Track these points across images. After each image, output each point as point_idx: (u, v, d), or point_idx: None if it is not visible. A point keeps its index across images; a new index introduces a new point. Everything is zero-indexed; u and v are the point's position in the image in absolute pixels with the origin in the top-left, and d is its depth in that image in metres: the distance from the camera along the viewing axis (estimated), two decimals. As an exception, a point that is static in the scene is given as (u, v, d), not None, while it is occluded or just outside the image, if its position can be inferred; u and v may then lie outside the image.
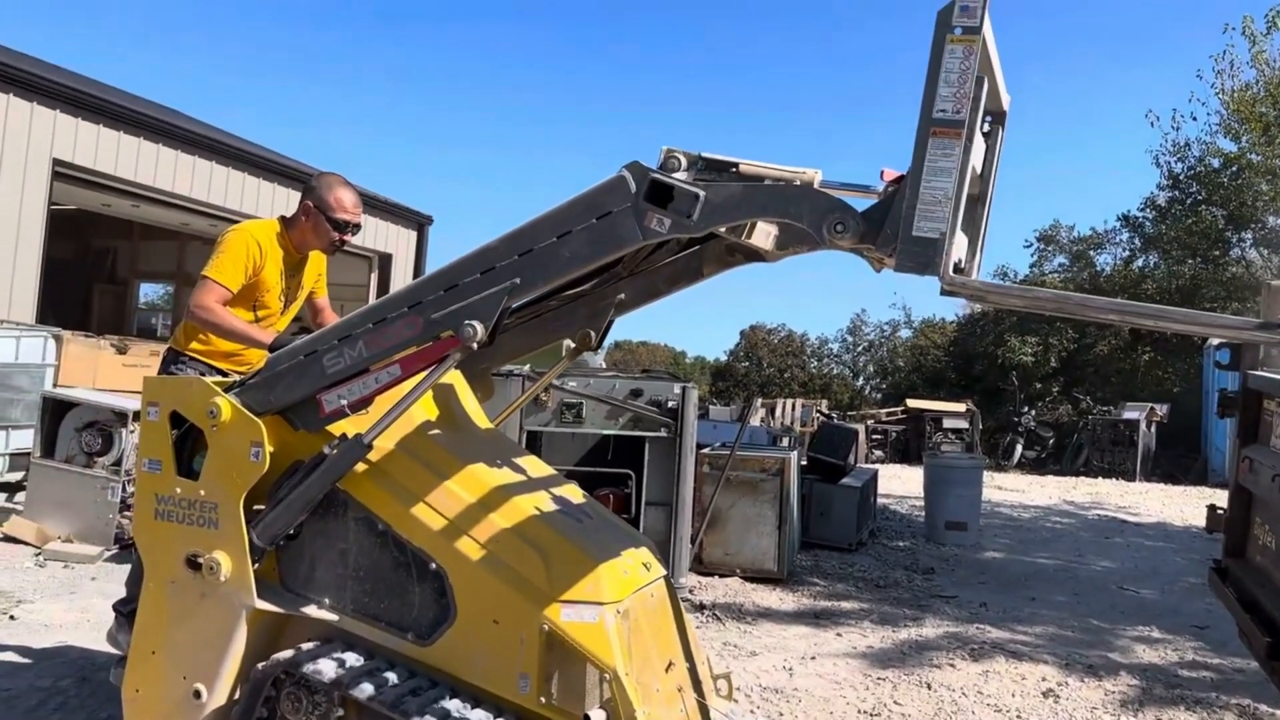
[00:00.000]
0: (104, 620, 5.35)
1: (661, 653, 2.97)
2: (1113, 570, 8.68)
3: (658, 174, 2.56)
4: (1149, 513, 12.99)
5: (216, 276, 3.81)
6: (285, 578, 3.04)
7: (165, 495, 3.03)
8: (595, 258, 2.67)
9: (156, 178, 11.87)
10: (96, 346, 9.69)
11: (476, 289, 2.71)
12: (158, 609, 3.05)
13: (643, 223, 2.55)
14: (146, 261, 17.85)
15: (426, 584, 2.86)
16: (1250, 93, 22.88)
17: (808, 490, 8.65)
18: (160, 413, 3.07)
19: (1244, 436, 3.54)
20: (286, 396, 2.94)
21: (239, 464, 2.92)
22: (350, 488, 2.93)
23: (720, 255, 3.09)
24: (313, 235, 4.01)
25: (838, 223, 2.44)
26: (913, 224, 2.33)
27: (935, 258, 2.31)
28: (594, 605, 2.71)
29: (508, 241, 2.70)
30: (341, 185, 4.00)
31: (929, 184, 2.32)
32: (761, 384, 35.12)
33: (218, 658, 2.93)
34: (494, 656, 2.75)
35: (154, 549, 3.08)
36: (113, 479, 7.01)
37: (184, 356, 4.00)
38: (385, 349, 2.82)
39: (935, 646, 5.73)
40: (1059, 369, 26.13)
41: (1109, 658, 5.69)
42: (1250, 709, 4.74)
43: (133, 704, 3.08)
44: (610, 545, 2.99)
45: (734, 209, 2.53)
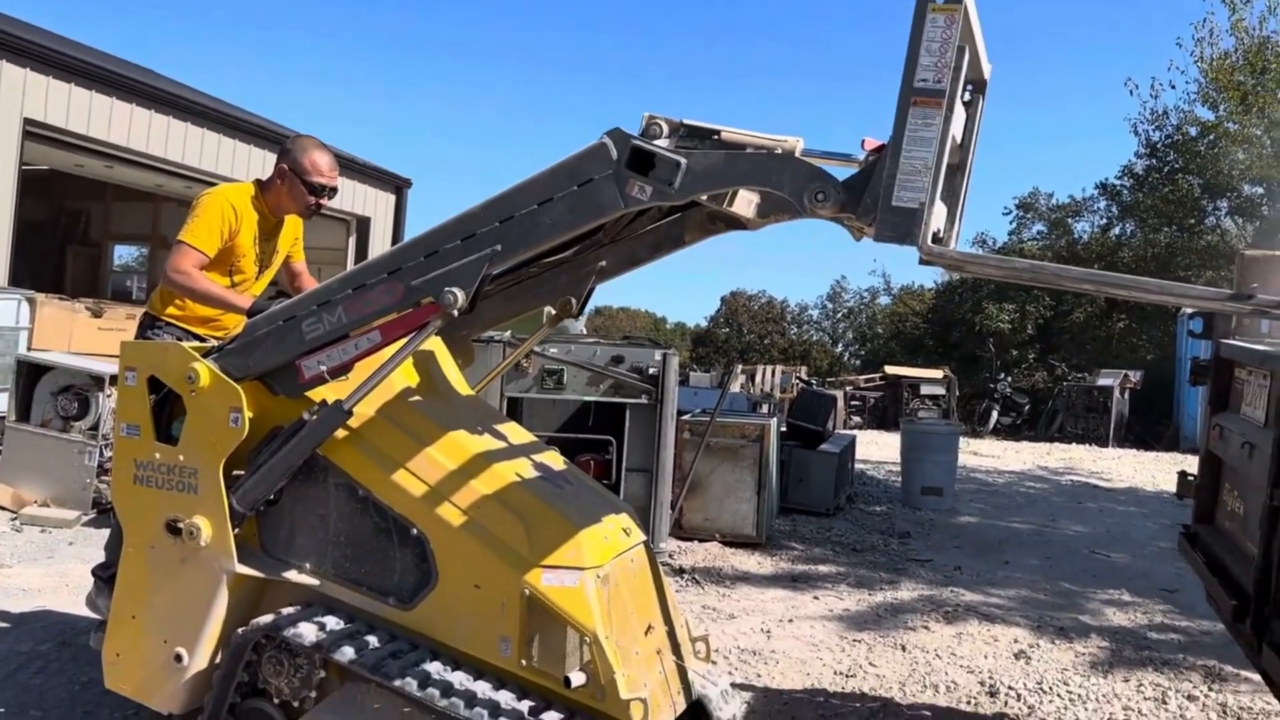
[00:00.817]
0: (83, 585, 5.34)
1: (641, 616, 3.00)
2: (1085, 535, 8.81)
3: (639, 141, 2.55)
4: (1121, 478, 13.16)
5: (192, 241, 3.77)
6: (266, 543, 3.05)
7: (144, 460, 3.03)
8: (576, 225, 2.67)
9: (130, 138, 11.68)
10: (71, 309, 9.59)
11: (457, 255, 2.70)
12: (138, 574, 3.06)
13: (624, 190, 2.55)
14: (121, 224, 17.59)
15: (408, 549, 2.87)
16: (1229, 61, 22.92)
17: (787, 456, 8.71)
18: (138, 378, 3.06)
19: (1215, 404, 3.59)
20: (265, 362, 2.94)
21: (218, 429, 2.91)
22: (331, 453, 2.94)
23: (702, 223, 3.09)
24: (288, 199, 3.97)
25: (818, 192, 2.44)
26: (892, 194, 2.33)
27: (914, 228, 2.32)
28: (574, 570, 2.74)
29: (489, 208, 2.69)
30: (317, 148, 3.97)
31: (909, 154, 2.32)
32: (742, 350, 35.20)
33: (198, 622, 2.95)
34: (475, 620, 2.78)
35: (133, 514, 3.08)
36: (89, 443, 6.97)
37: (160, 321, 3.96)
38: (365, 315, 2.81)
39: (910, 609, 5.82)
40: (1035, 336, 26.34)
41: (1080, 620, 5.79)
42: (1216, 669, 4.85)
43: (113, 668, 3.10)
44: (591, 511, 3.01)
45: (715, 177, 2.53)
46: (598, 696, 2.66)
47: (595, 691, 2.66)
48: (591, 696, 2.67)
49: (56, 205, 17.03)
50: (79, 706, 3.73)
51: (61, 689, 3.88)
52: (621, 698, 2.64)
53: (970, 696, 4.42)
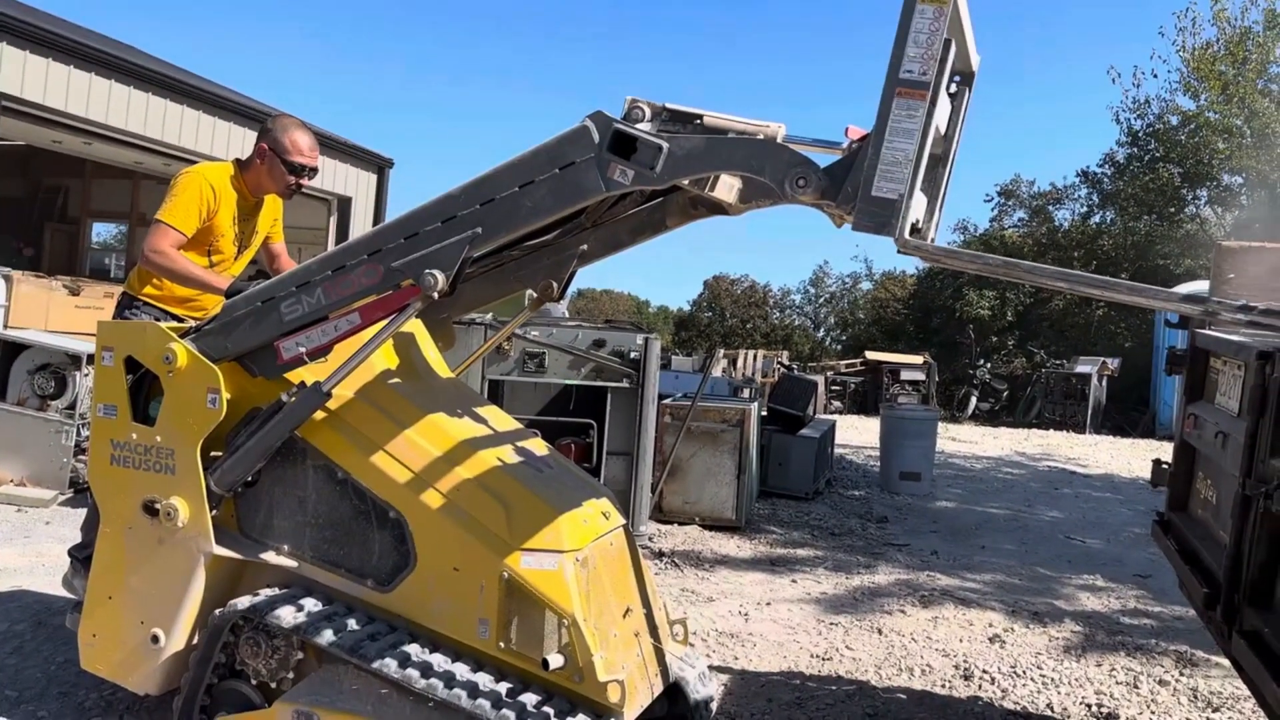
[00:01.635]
0: (59, 565, 5.32)
1: (619, 599, 3.02)
2: (1060, 520, 8.90)
3: (621, 124, 2.54)
4: (1097, 465, 13.29)
5: (170, 220, 3.75)
6: (243, 524, 3.04)
7: (121, 441, 3.01)
8: (558, 208, 2.65)
9: (109, 114, 11.53)
10: (48, 287, 9.51)
11: (437, 238, 2.69)
12: (114, 554, 3.05)
13: (605, 174, 2.54)
14: (99, 201, 17.40)
15: (386, 531, 2.87)
16: (1210, 51, 23.04)
17: (767, 440, 8.75)
18: (115, 358, 3.04)
19: (1190, 393, 3.62)
20: (244, 343, 2.92)
21: (196, 410, 2.90)
22: (309, 436, 2.93)
23: (683, 208, 3.08)
24: (268, 179, 3.94)
25: (799, 178, 2.44)
26: (872, 184, 2.33)
27: (892, 219, 2.32)
28: (553, 553, 2.75)
29: (470, 190, 2.68)
30: (297, 127, 3.94)
31: (891, 144, 2.32)
32: (724, 334, 35.24)
33: (175, 603, 2.94)
34: (454, 603, 2.78)
35: (110, 495, 3.07)
36: (66, 422, 6.92)
37: (138, 301, 3.94)
38: (344, 297, 2.80)
39: (887, 593, 5.87)
40: (1015, 323, 26.50)
41: (1054, 605, 5.86)
42: (1187, 654, 4.92)
43: (89, 649, 3.10)
44: (570, 495, 3.02)
45: (697, 162, 2.52)
46: (575, 678, 2.68)
47: (573, 673, 2.68)
48: (569, 678, 2.68)
49: (34, 182, 16.84)
50: (55, 686, 3.72)
51: (37, 669, 3.86)
52: (599, 679, 2.65)
53: (945, 680, 4.47)
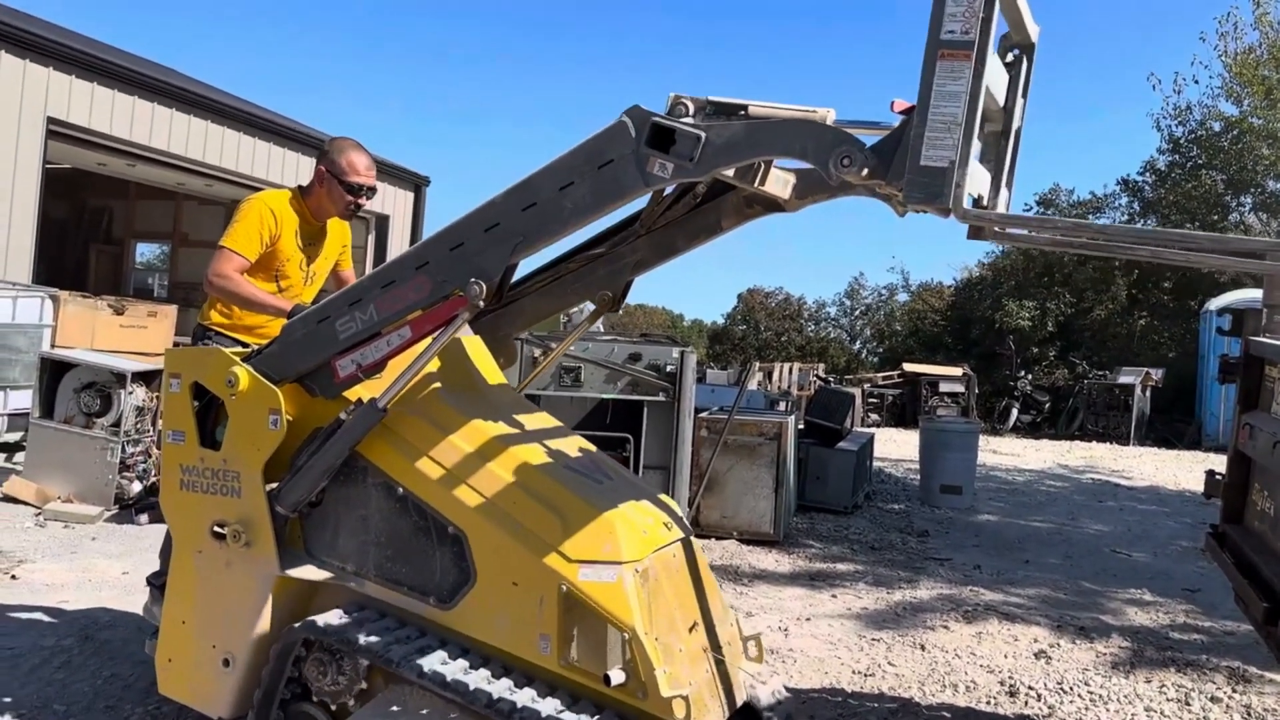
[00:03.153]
0: (105, 580, 5.40)
1: (684, 613, 2.94)
2: (1105, 533, 8.75)
3: (658, 117, 2.48)
4: (1142, 477, 13.07)
5: (232, 245, 3.78)
6: (310, 544, 3.03)
7: (190, 465, 3.03)
8: (599, 208, 2.60)
9: (152, 137, 11.77)
10: (94, 307, 9.66)
11: (481, 247, 2.68)
12: (186, 579, 3.07)
13: (645, 169, 2.48)
14: (143, 221, 17.74)
15: (446, 548, 2.84)
16: (1253, 55, 22.70)
17: (804, 454, 8.69)
18: (182, 384, 3.07)
19: (1244, 403, 3.55)
20: (302, 363, 2.93)
21: (258, 432, 2.91)
22: (369, 453, 2.92)
23: (738, 207, 3.01)
24: (328, 201, 3.98)
25: (844, 156, 2.32)
26: (920, 153, 2.22)
27: (944, 188, 2.20)
28: (612, 565, 2.69)
29: (510, 196, 2.65)
30: (354, 148, 3.97)
31: (937, 109, 2.20)
32: (759, 348, 35.12)
33: (245, 626, 2.94)
34: (514, 618, 2.74)
35: (181, 519, 3.09)
36: (112, 439, 7.03)
37: (211, 332, 3.96)
38: (395, 312, 2.80)
39: (929, 608, 5.79)
40: (1055, 333, 26.13)
41: (1101, 620, 5.75)
42: (1240, 670, 4.80)
43: (165, 673, 3.11)
44: (629, 506, 2.96)
45: (736, 149, 2.44)
46: (639, 694, 2.61)
47: (636, 689, 2.61)
48: (633, 694, 2.62)
49: (79, 203, 17.20)
50: (101, 701, 3.76)
51: (84, 683, 3.90)
52: (663, 695, 2.58)
53: (990, 696, 4.39)
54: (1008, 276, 27.99)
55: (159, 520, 6.85)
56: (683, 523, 3.16)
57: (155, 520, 6.85)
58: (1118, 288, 25.79)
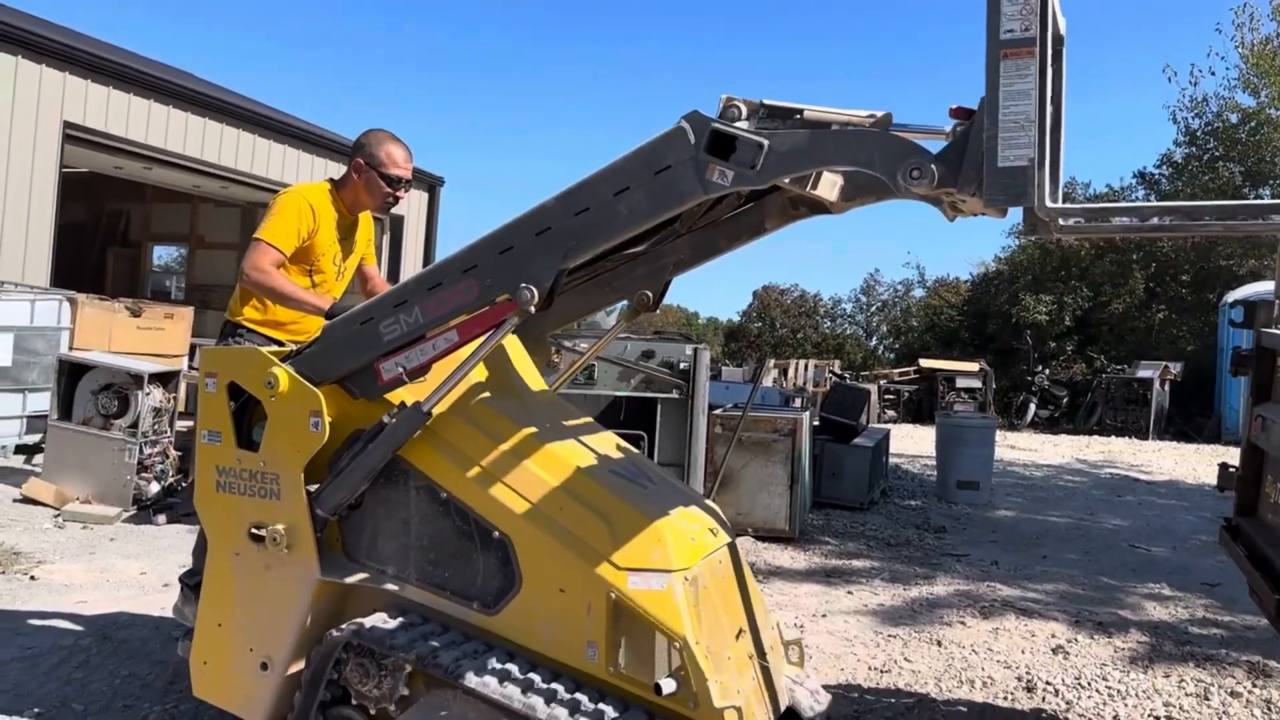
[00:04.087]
0: (123, 580, 5.44)
1: (731, 620, 2.90)
2: (1124, 528, 8.70)
3: (719, 124, 2.43)
4: (1161, 471, 12.98)
5: (269, 238, 3.70)
6: (349, 548, 2.98)
7: (226, 467, 2.99)
8: (654, 214, 2.55)
9: (168, 140, 11.85)
10: (111, 309, 9.74)
11: (532, 251, 2.62)
12: (223, 581, 3.03)
13: (704, 176, 2.43)
14: (159, 224, 17.85)
15: (491, 553, 2.80)
16: (1270, 46, 22.51)
17: (820, 450, 8.67)
18: (218, 384, 3.02)
19: (1257, 395, 3.52)
20: (344, 365, 2.89)
21: (299, 434, 2.87)
22: (411, 456, 2.87)
23: (783, 209, 2.96)
24: (365, 194, 3.89)
25: (914, 168, 2.27)
26: (996, 154, 2.18)
27: (1026, 187, 2.17)
28: (662, 573, 2.65)
29: (562, 201, 2.59)
30: (391, 140, 3.90)
31: (1008, 109, 2.18)
32: (774, 345, 35.06)
33: (284, 629, 2.91)
34: (561, 625, 2.70)
35: (217, 521, 3.05)
36: (129, 441, 7.08)
37: (241, 328, 3.89)
38: (442, 315, 2.75)
39: (946, 604, 5.77)
40: (1073, 328, 25.99)
41: (1119, 615, 5.72)
42: (1260, 665, 4.77)
43: (201, 675, 3.07)
44: (677, 511, 2.93)
45: (800, 158, 2.38)
46: (690, 704, 2.56)
47: (688, 699, 2.56)
48: (684, 704, 2.57)
49: (96, 207, 17.31)
50: (119, 700, 3.79)
51: (103, 683, 3.93)
52: (715, 706, 2.53)
53: (1007, 692, 4.37)
54: (1024, 271, 27.87)
55: (177, 521, 6.91)
56: (727, 527, 3.11)
57: (173, 521, 6.91)
58: (1135, 281, 25.64)
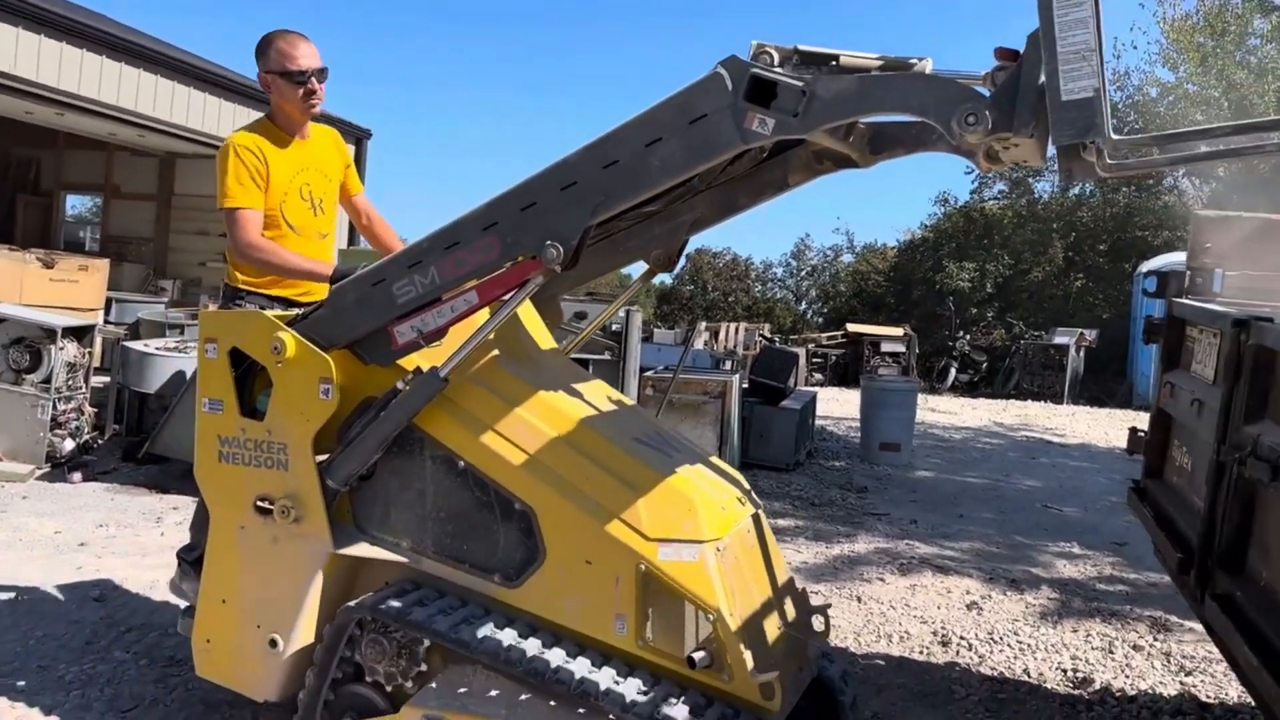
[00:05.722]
0: (36, 540, 5.30)
1: (760, 590, 2.84)
2: (1037, 489, 8.99)
3: (758, 69, 2.30)
4: (1075, 434, 13.40)
5: (239, 202, 3.42)
6: (360, 520, 2.89)
7: (229, 437, 2.88)
8: (689, 166, 2.42)
9: (81, 85, 11.36)
10: (21, 260, 9.39)
11: (558, 207, 2.49)
12: (226, 556, 2.92)
13: (743, 125, 2.30)
14: (72, 172, 17.17)
15: (512, 524, 2.71)
16: (1190, 22, 23.05)
17: (748, 412, 8.77)
18: (219, 350, 2.89)
19: (1166, 362, 3.65)
20: (355, 329, 2.77)
21: (307, 402, 2.76)
22: (426, 424, 2.76)
23: (807, 163, 2.84)
24: (286, 104, 3.57)
25: (970, 114, 2.14)
26: (1059, 89, 2.08)
27: (1095, 119, 2.08)
28: (693, 544, 2.58)
29: (589, 153, 2.46)
30: (282, 37, 3.55)
31: (1066, 40, 2.07)
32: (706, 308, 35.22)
33: (293, 605, 2.81)
34: (587, 598, 2.63)
35: (220, 493, 2.94)
36: (42, 396, 6.87)
37: (242, 292, 3.61)
38: (460, 275, 2.62)
39: (866, 562, 5.92)
40: (994, 294, 26.58)
41: (1031, 572, 5.92)
42: (1161, 620, 4.99)
43: (204, 654, 2.98)
44: (704, 479, 2.87)
45: (846, 104, 2.26)
46: (724, 677, 2.52)
47: (721, 672, 2.51)
48: (717, 677, 2.52)
49: (4, 153, 16.59)
50: (33, 660, 3.71)
51: (16, 643, 3.85)
52: (751, 679, 2.49)
53: (923, 646, 4.52)
54: (949, 239, 28.38)
55: (93, 479, 6.74)
56: (752, 496, 3.06)
57: (88, 479, 6.74)
58: (1055, 250, 26.28)
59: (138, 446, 7.08)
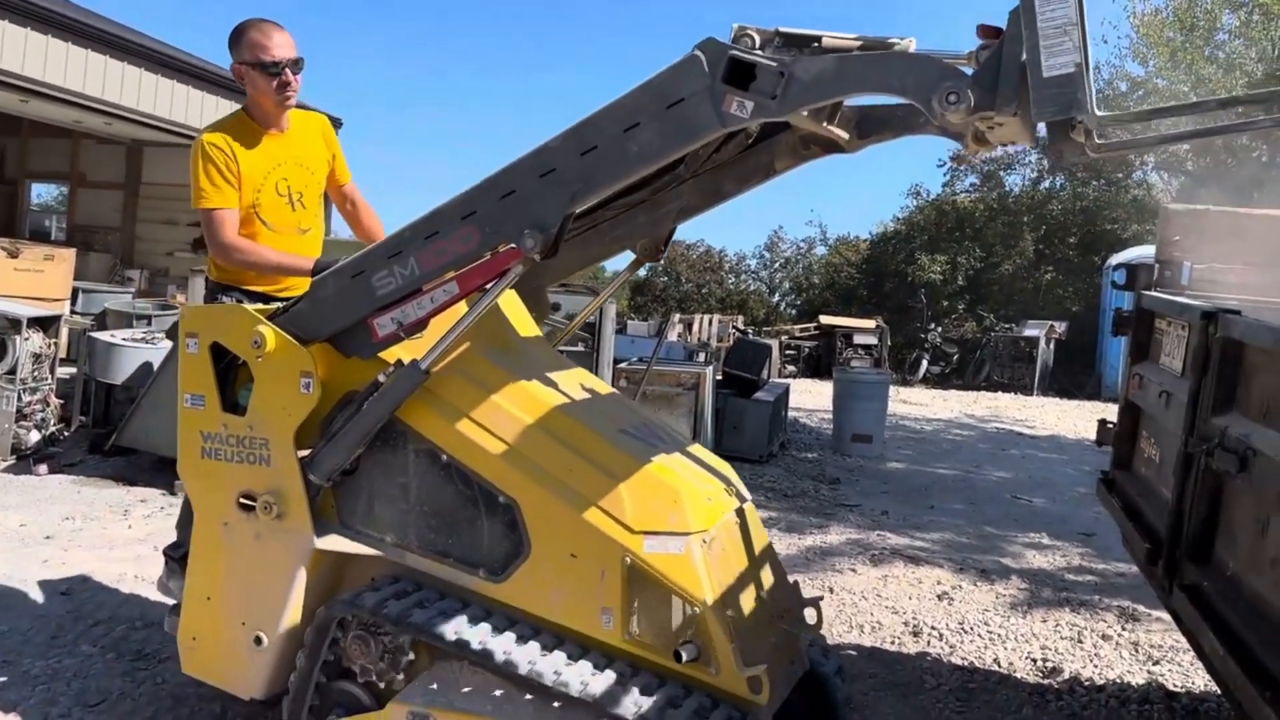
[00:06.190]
0: (1, 533, 5.22)
1: (749, 583, 2.82)
2: (1007, 480, 9.07)
3: (736, 51, 2.26)
4: (1044, 426, 13.53)
5: (213, 203, 3.33)
6: (344, 515, 2.86)
7: (211, 433, 2.85)
8: (667, 151, 2.39)
9: (46, 72, 11.17)
10: (-15, 250, 9.24)
11: (537, 195, 2.46)
12: (211, 553, 2.90)
13: (721, 108, 2.27)
14: (38, 161, 16.91)
15: (496, 517, 2.69)
16: (1159, 17, 23.27)
17: (722, 404, 8.79)
18: (200, 344, 2.86)
19: (1135, 354, 3.68)
20: (335, 322, 2.74)
21: (288, 396, 2.74)
22: (409, 418, 2.74)
23: (794, 148, 2.82)
24: (260, 96, 3.45)
25: (950, 93, 2.11)
26: (1040, 64, 2.05)
27: (1077, 94, 2.05)
28: (679, 536, 2.56)
29: (567, 139, 2.43)
30: (255, 26, 3.43)
31: (1045, 14, 2.04)
32: (680, 299, 35.22)
33: (278, 601, 2.79)
34: (573, 592, 2.61)
35: (203, 490, 2.92)
36: (7, 388, 6.76)
37: (222, 287, 3.53)
38: (440, 265, 2.58)
39: (838, 552, 5.95)
40: (965, 287, 26.76)
41: (1001, 562, 5.98)
42: (1129, 610, 5.05)
43: (190, 652, 2.95)
44: (690, 470, 2.85)
45: (825, 86, 2.22)
46: (712, 671, 2.50)
47: (709, 665, 2.50)
48: (704, 671, 2.51)
49: (-34, 140, 16.32)
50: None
51: (-20, 638, 3.79)
52: (738, 672, 2.47)
53: (895, 636, 4.54)
54: (921, 231, 28.51)
55: (58, 471, 6.65)
56: (740, 488, 3.04)
57: (54, 471, 6.64)
58: (1025, 243, 26.49)
59: (104, 438, 6.99)
